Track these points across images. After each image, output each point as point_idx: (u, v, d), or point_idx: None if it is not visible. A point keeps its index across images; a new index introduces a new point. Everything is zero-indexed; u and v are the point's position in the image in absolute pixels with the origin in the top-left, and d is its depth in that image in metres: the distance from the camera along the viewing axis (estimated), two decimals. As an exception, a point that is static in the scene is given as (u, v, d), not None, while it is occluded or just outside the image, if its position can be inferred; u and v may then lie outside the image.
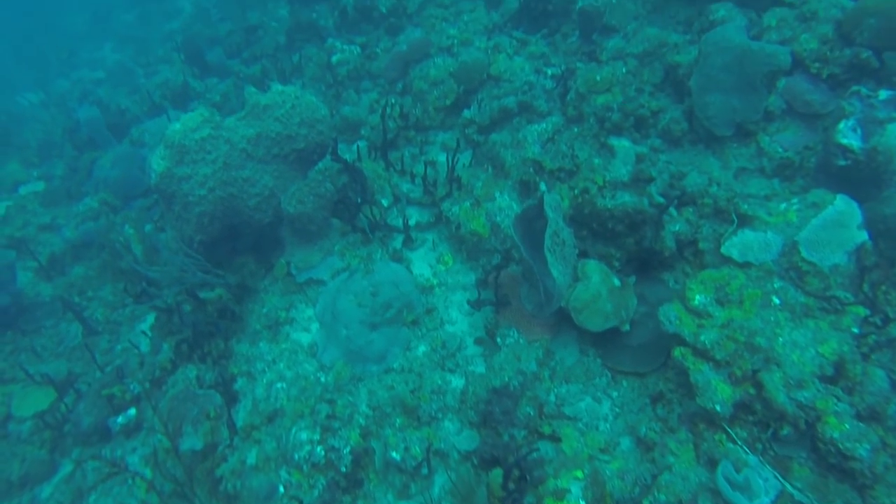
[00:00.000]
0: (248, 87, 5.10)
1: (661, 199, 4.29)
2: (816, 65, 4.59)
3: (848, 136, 4.02)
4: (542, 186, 4.99)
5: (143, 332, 5.58)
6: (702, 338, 3.61)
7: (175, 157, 4.79)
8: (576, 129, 5.33)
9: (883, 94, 4.17)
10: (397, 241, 5.14)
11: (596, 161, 4.96)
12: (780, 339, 3.45)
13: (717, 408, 3.35)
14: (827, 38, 4.61)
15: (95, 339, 5.94)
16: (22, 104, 12.11)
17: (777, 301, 3.66)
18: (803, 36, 4.68)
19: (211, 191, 4.84)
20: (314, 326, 4.86)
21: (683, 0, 6.17)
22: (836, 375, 3.27)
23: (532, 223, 4.31)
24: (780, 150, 4.54)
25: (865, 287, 3.51)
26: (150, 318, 5.76)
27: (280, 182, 5.07)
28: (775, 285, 3.73)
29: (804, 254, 3.72)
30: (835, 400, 3.11)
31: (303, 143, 5.04)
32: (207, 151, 4.84)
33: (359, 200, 5.22)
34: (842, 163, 4.02)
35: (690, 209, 4.50)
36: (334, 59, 6.98)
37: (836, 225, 3.75)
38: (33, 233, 7.19)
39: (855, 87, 4.24)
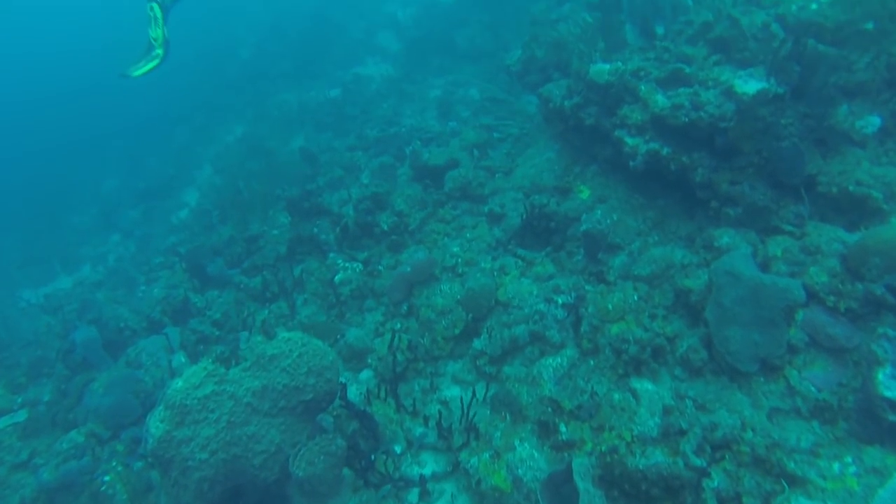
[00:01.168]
0: (255, 335, 4.98)
1: (699, 462, 3.99)
2: (831, 298, 4.55)
3: (891, 387, 3.85)
4: (563, 428, 4.71)
5: None
6: None
7: (175, 418, 4.51)
8: (592, 362, 5.17)
9: (910, 334, 4.07)
10: (413, 495, 4.73)
11: (615, 396, 4.77)
12: None
13: None
14: (836, 272, 4.62)
15: None
16: (20, 306, 12.03)
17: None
18: (812, 269, 4.70)
19: (213, 454, 4.49)
20: None
21: (682, 216, 6.35)
22: None
23: (560, 488, 3.98)
24: (813, 389, 4.35)
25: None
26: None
27: (287, 436, 4.75)
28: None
29: (877, 534, 3.37)
30: None
31: (311, 394, 4.79)
32: (210, 410, 4.56)
33: (371, 455, 4.89)
34: (892, 418, 3.81)
35: (727, 456, 4.20)
36: (337, 278, 6.98)
37: (906, 498, 3.45)
38: (4, 474, 6.65)
39: (881, 329, 4.16)
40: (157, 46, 6.03)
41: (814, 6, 5.77)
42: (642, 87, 6.05)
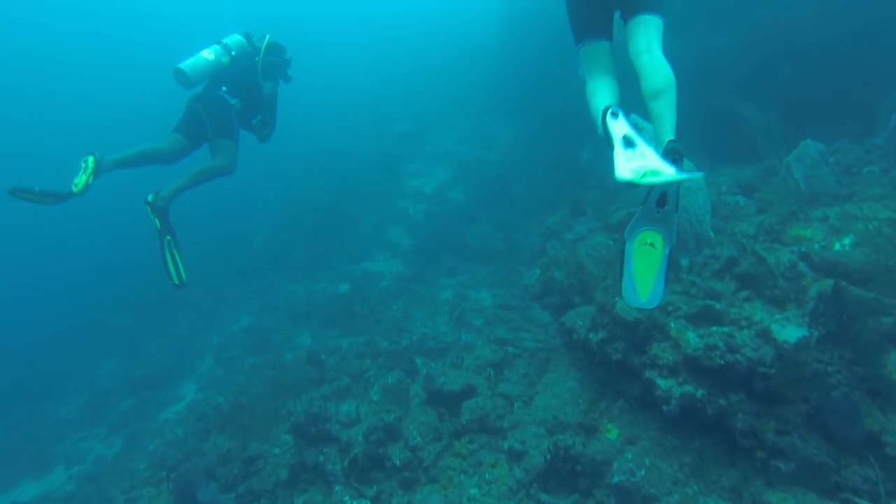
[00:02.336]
0: None
1: None
2: None
3: None
4: None
5: None
6: None
7: None
8: None
9: None
10: None
11: None
12: None
13: None
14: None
15: None
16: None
17: None
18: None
19: None
20: None
21: (723, 462, 5.76)
22: None
23: None
24: None
25: None
26: None
27: None
28: None
29: None
30: None
31: None
32: None
33: None
34: None
35: None
36: (343, 521, 6.23)
37: None
38: None
39: None
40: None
41: (836, 247, 5.74)
42: (672, 325, 5.82)
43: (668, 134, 3.34)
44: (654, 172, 3.00)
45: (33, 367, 18.27)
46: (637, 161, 3.06)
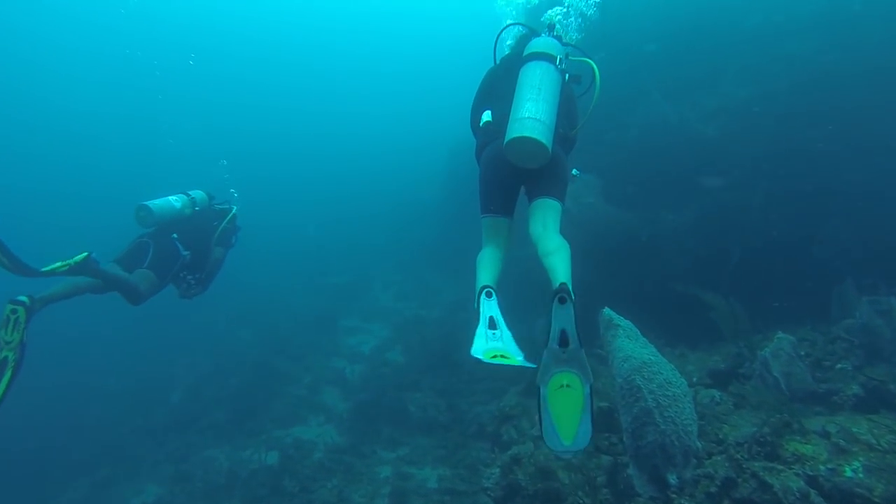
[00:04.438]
0: None
1: None
2: None
3: None
4: None
5: None
6: None
7: None
8: None
9: None
10: None
11: None
12: None
13: None
14: None
15: None
16: None
17: None
18: None
19: None
20: None
21: None
22: None
23: None
24: None
25: None
26: None
27: None
28: None
29: None
30: None
31: None
32: None
33: None
34: None
35: None
36: None
37: None
38: None
39: None
40: (6, 350, 4.72)
41: (848, 472, 5.14)
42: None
43: (561, 278, 3.48)
44: (505, 356, 3.31)
45: None
46: (494, 342, 3.38)
